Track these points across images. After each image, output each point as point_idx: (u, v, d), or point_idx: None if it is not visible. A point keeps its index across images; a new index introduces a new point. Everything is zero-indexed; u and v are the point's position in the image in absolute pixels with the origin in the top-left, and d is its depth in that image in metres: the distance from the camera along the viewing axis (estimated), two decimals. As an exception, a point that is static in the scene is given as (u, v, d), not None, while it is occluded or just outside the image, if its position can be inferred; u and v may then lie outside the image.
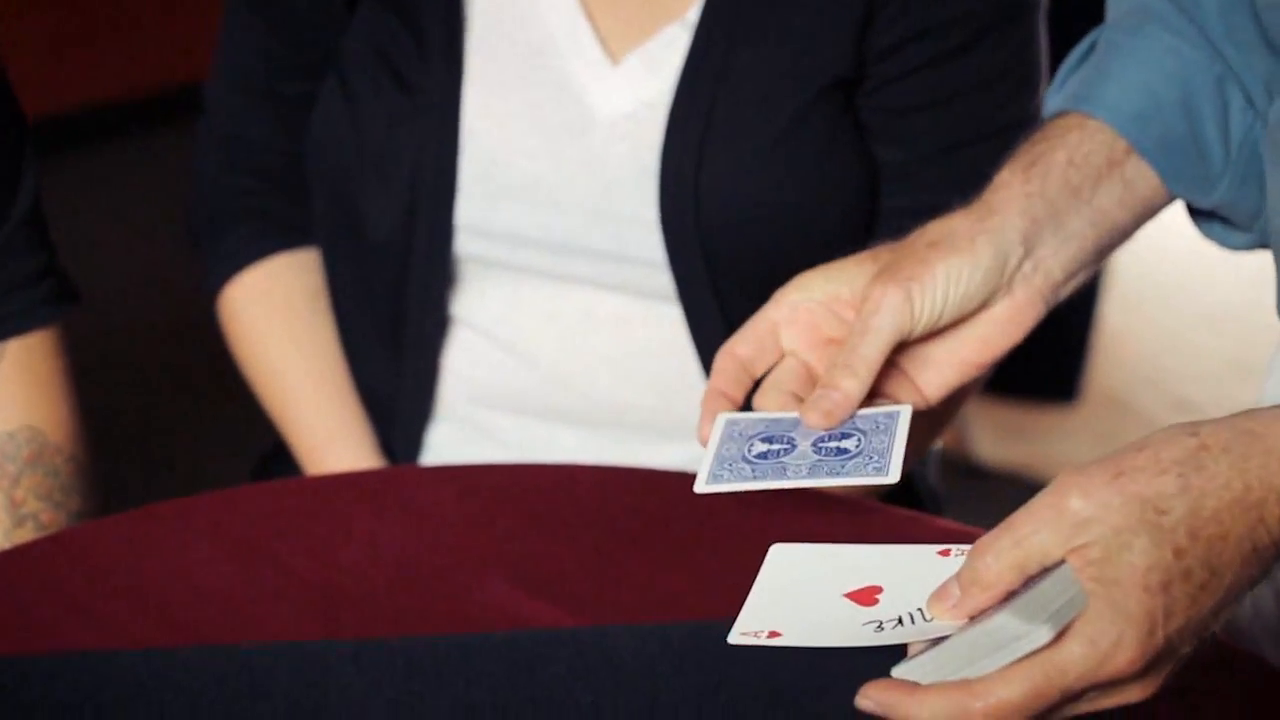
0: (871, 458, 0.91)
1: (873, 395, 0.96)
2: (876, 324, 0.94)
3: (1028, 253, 0.98)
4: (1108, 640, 0.72)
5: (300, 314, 1.37)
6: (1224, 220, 1.08)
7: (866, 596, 0.81)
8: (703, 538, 1.07)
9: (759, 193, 1.24)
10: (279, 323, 1.37)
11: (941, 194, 1.27)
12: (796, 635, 0.79)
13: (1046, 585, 0.74)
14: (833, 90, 1.24)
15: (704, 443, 0.94)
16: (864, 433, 0.93)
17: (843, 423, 0.93)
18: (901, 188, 1.28)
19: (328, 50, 1.31)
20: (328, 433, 1.35)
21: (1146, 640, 0.73)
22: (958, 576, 0.77)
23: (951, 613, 0.77)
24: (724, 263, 1.25)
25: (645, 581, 1.03)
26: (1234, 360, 3.05)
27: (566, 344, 1.31)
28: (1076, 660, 0.72)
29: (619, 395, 1.32)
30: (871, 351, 0.94)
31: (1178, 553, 0.74)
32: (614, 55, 1.27)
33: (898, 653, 0.78)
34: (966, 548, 0.79)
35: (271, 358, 1.37)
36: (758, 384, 0.98)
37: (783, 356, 0.98)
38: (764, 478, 0.90)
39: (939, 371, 0.99)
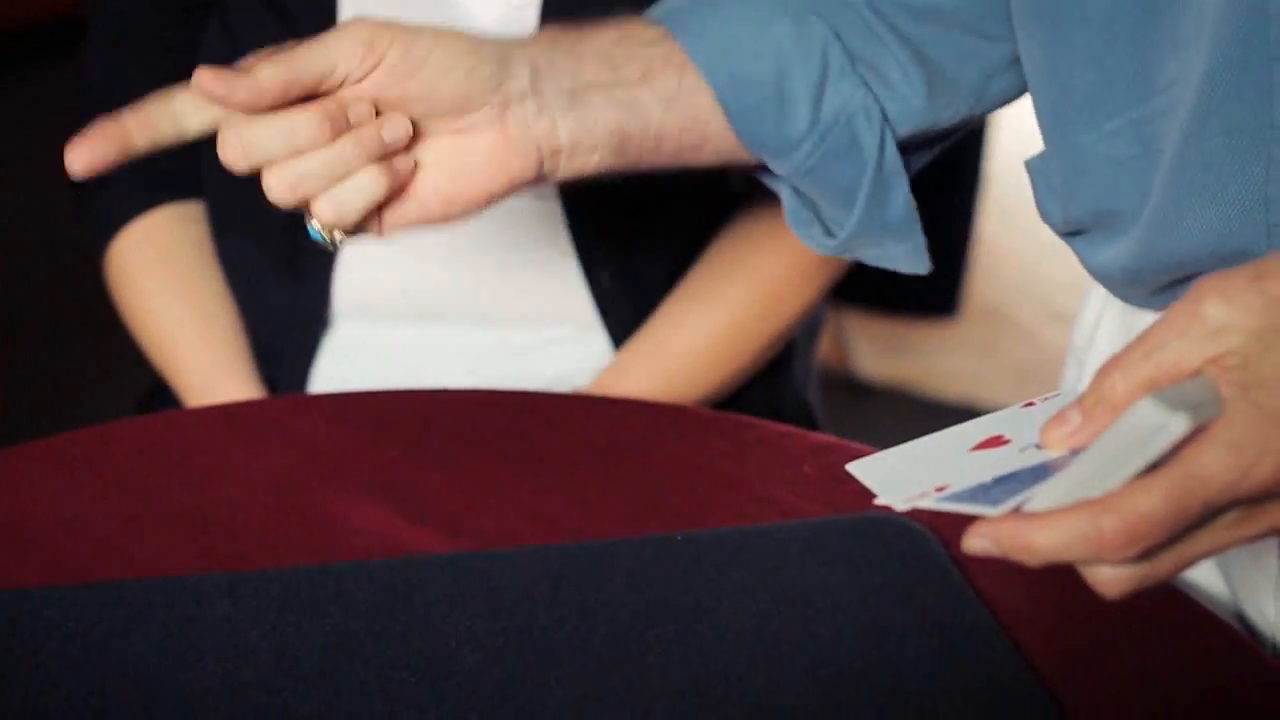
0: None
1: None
2: (324, 40, 0.84)
3: (534, 90, 0.88)
4: (1251, 445, 0.63)
5: (182, 263, 1.37)
6: (812, 211, 1.01)
7: (992, 443, 0.72)
8: (580, 458, 1.08)
9: None
10: (161, 272, 1.37)
11: None
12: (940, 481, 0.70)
13: (1181, 385, 0.66)
14: None
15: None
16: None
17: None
18: None
19: None
20: (208, 374, 1.34)
21: None
22: (1079, 400, 0.68)
23: (1069, 440, 0.67)
24: None
25: (522, 504, 1.03)
26: (1109, 270, 3.08)
27: (456, 248, 1.32)
28: (1219, 468, 0.63)
29: (505, 294, 1.33)
30: (308, 59, 0.83)
31: None
32: None
33: None
34: (1052, 394, 0.72)
35: (152, 306, 1.37)
36: None
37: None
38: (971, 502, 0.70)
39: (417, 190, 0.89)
